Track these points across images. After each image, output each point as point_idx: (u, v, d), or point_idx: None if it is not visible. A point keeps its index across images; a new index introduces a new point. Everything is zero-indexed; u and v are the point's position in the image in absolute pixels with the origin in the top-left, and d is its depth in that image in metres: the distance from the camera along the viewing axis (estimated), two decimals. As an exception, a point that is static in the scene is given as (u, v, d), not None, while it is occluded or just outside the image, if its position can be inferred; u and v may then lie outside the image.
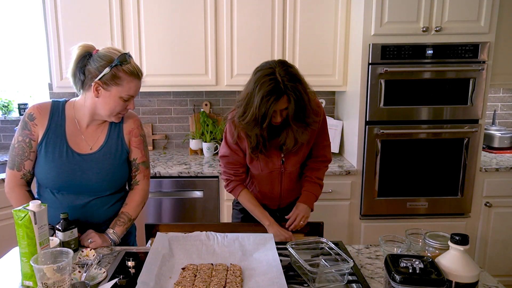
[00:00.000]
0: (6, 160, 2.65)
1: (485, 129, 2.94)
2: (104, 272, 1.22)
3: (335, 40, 2.69)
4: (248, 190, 1.78)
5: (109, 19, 2.62)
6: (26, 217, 1.14)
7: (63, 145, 1.44)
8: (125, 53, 1.40)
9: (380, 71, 2.40)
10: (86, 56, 1.40)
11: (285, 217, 1.73)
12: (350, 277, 1.22)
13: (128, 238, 1.64)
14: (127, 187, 1.63)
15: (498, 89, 3.17)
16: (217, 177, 2.55)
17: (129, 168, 1.58)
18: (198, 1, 2.62)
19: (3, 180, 1.53)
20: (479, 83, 2.44)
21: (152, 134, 3.16)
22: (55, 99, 1.51)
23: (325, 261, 1.30)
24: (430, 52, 2.40)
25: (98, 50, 1.41)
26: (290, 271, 1.27)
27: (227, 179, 1.77)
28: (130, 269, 1.24)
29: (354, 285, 1.20)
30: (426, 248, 1.21)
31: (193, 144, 2.97)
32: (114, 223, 1.51)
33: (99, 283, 1.17)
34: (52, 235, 1.37)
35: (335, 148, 2.87)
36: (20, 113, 3.05)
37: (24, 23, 3.04)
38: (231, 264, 1.26)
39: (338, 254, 1.27)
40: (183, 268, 1.23)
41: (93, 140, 1.49)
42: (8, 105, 3.12)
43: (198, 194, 2.57)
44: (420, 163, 2.52)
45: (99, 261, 1.32)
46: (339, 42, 2.69)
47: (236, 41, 2.67)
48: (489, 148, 2.98)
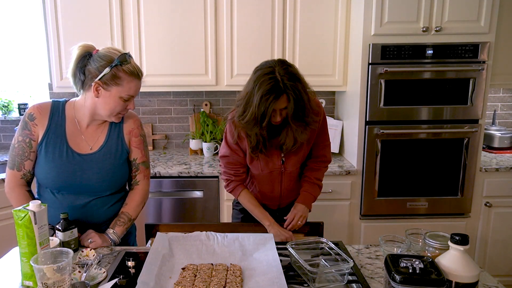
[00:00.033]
0: (6, 160, 2.65)
1: (485, 129, 2.94)
2: (104, 272, 1.22)
3: (335, 40, 2.69)
4: (248, 190, 1.78)
5: (109, 19, 2.62)
6: (26, 217, 1.14)
7: (63, 145, 1.44)
8: (125, 53, 1.40)
9: (380, 71, 2.40)
10: (86, 56, 1.40)
11: (284, 218, 1.73)
12: (350, 277, 1.22)
13: (128, 238, 1.65)
14: (127, 187, 1.64)
15: (498, 89, 3.17)
16: (217, 177, 2.55)
17: (129, 168, 1.58)
18: (198, 1, 2.62)
19: (3, 180, 1.53)
20: (479, 83, 2.44)
21: (152, 134, 3.16)
22: (55, 99, 1.51)
23: (325, 261, 1.30)
24: (430, 52, 2.40)
25: (98, 50, 1.41)
26: (290, 271, 1.27)
27: (227, 179, 1.77)
28: (130, 269, 1.24)
29: (354, 285, 1.20)
30: (426, 248, 1.21)
31: (193, 144, 2.97)
32: (114, 223, 1.51)
33: (99, 283, 1.17)
34: (52, 235, 1.37)
35: (335, 148, 2.87)
36: (20, 113, 3.05)
37: (24, 23, 3.04)
38: (231, 264, 1.26)
39: (338, 254, 1.27)
40: (183, 268, 1.23)
41: (93, 140, 1.49)
42: (8, 105, 3.12)
43: (198, 194, 2.57)
44: (420, 163, 2.52)
45: (99, 261, 1.32)
46: (339, 42, 2.69)
47: (236, 41, 2.67)
48: (489, 148, 2.98)
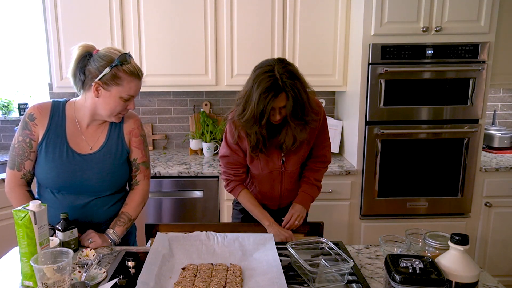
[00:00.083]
0: (6, 160, 2.64)
1: (485, 129, 2.94)
2: (104, 272, 1.22)
3: (335, 40, 2.69)
4: (248, 190, 1.78)
5: (109, 19, 2.62)
6: (26, 217, 1.14)
7: (63, 145, 1.45)
8: (125, 53, 1.40)
9: (380, 71, 2.39)
10: (87, 56, 1.40)
11: (282, 219, 1.73)
12: (350, 277, 1.22)
13: (128, 238, 1.64)
14: (128, 187, 1.64)
15: (498, 89, 3.17)
16: (217, 177, 2.55)
17: (130, 168, 1.58)
18: (198, 1, 2.62)
19: (3, 180, 1.53)
20: (479, 83, 2.44)
21: (152, 134, 3.16)
22: (56, 99, 1.51)
23: (325, 261, 1.30)
24: (430, 52, 2.40)
25: (99, 50, 1.41)
26: (290, 271, 1.27)
27: (227, 179, 1.77)
28: (130, 269, 1.24)
29: (354, 285, 1.20)
30: (426, 248, 1.21)
31: (193, 144, 2.97)
32: (114, 223, 1.51)
33: (99, 283, 1.17)
34: (52, 235, 1.37)
35: (335, 148, 2.87)
36: (20, 113, 3.05)
37: (24, 23, 3.04)
38: (231, 264, 1.26)
39: (338, 254, 1.27)
40: (183, 268, 1.23)
41: (94, 140, 1.49)
42: (8, 105, 3.12)
43: (198, 194, 2.57)
44: (420, 163, 2.52)
45: (99, 261, 1.32)
46: (339, 42, 2.69)
47: (236, 41, 2.67)
48: (489, 148, 2.98)
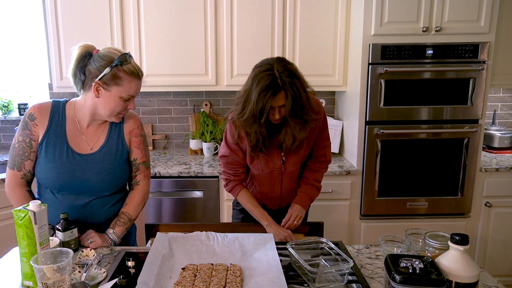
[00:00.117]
0: (6, 160, 2.64)
1: (485, 129, 2.94)
2: (104, 272, 1.22)
3: (335, 40, 2.69)
4: (247, 190, 1.79)
5: (109, 19, 2.62)
6: (26, 217, 1.14)
7: (64, 145, 1.45)
8: (126, 53, 1.40)
9: (380, 71, 2.39)
10: (87, 56, 1.40)
11: (282, 219, 1.73)
12: (350, 277, 1.22)
13: (128, 238, 1.65)
14: (128, 187, 1.64)
15: (498, 89, 3.17)
16: (217, 177, 2.55)
17: (130, 168, 1.58)
18: (198, 1, 2.62)
19: (3, 180, 1.53)
20: (479, 83, 2.44)
21: (152, 134, 3.16)
22: (56, 99, 1.51)
23: (325, 261, 1.30)
24: (430, 52, 2.40)
25: (99, 50, 1.41)
26: (290, 271, 1.27)
27: (227, 179, 1.77)
28: (130, 269, 1.24)
29: (354, 285, 1.20)
30: (426, 248, 1.21)
31: (193, 144, 2.97)
32: (114, 223, 1.51)
33: (99, 283, 1.17)
34: (52, 235, 1.37)
35: (335, 148, 2.87)
36: (20, 113, 3.05)
37: (24, 23, 3.04)
38: (231, 264, 1.26)
39: (338, 254, 1.27)
40: (183, 268, 1.23)
41: (94, 140, 1.49)
42: (8, 105, 3.12)
43: (198, 194, 2.57)
44: (420, 163, 2.52)
45: (99, 261, 1.32)
46: (339, 42, 2.69)
47: (236, 41, 2.67)
48: (489, 148, 2.98)
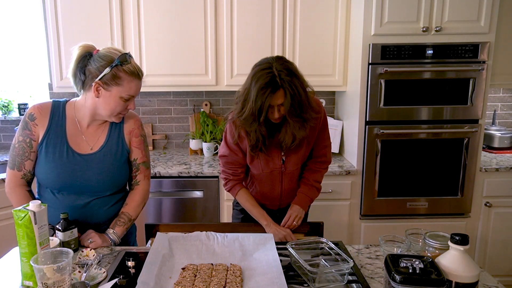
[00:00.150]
0: (6, 160, 2.65)
1: (485, 129, 2.94)
2: (104, 272, 1.22)
3: (335, 40, 2.69)
4: (247, 190, 1.79)
5: (109, 19, 2.62)
6: (26, 217, 1.14)
7: (64, 145, 1.45)
8: (126, 53, 1.40)
9: (380, 71, 2.39)
10: (87, 56, 1.40)
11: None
12: (350, 277, 1.22)
13: (129, 238, 1.65)
14: (128, 187, 1.64)
15: (498, 89, 3.17)
16: (217, 177, 2.55)
17: (130, 168, 1.58)
18: (198, 1, 2.62)
19: (4, 180, 1.53)
20: (479, 83, 2.44)
21: (152, 134, 3.16)
22: (56, 99, 1.51)
23: (325, 261, 1.30)
24: (430, 52, 2.40)
25: (99, 50, 1.41)
26: (290, 271, 1.27)
27: (226, 178, 1.78)
28: (130, 269, 1.24)
29: (354, 285, 1.20)
30: (426, 248, 1.21)
31: (193, 144, 2.97)
32: (114, 223, 1.51)
33: (99, 283, 1.17)
34: (52, 235, 1.37)
35: (335, 148, 2.87)
36: (20, 113, 3.05)
37: (24, 23, 3.04)
38: (231, 264, 1.27)
39: (338, 254, 1.27)
40: (183, 268, 1.23)
41: (94, 140, 1.49)
42: (8, 105, 3.12)
43: (198, 194, 2.57)
44: (420, 163, 2.52)
45: (99, 261, 1.32)
46: (339, 42, 2.69)
47: (236, 41, 2.67)
48: (489, 148, 2.98)
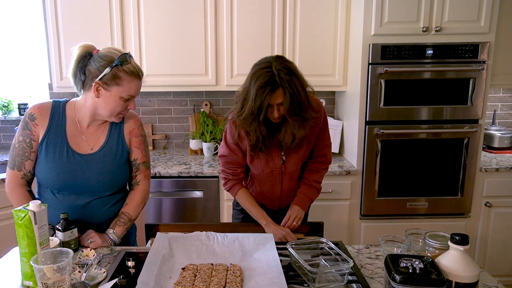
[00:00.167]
0: (6, 160, 2.65)
1: (485, 129, 2.94)
2: (104, 272, 1.22)
3: (335, 40, 2.69)
4: (246, 189, 1.79)
5: (109, 19, 2.62)
6: (26, 217, 1.14)
7: (64, 145, 1.45)
8: (126, 53, 1.40)
9: (380, 71, 2.39)
10: (87, 56, 1.40)
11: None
12: (350, 277, 1.22)
13: (129, 238, 1.65)
14: (128, 187, 1.64)
15: (498, 89, 3.17)
16: (217, 177, 2.55)
17: (130, 168, 1.58)
18: (198, 1, 2.62)
19: (4, 180, 1.53)
20: (479, 83, 2.44)
21: (152, 134, 3.16)
22: (56, 99, 1.51)
23: (325, 261, 1.30)
24: (430, 52, 2.40)
25: (99, 50, 1.41)
26: (290, 271, 1.27)
27: (225, 178, 1.78)
28: (130, 269, 1.24)
29: (354, 285, 1.20)
30: (426, 248, 1.21)
31: (193, 144, 2.97)
32: (114, 223, 1.51)
33: (99, 283, 1.17)
34: (52, 235, 1.37)
35: (335, 148, 2.87)
36: (20, 113, 3.05)
37: (24, 23, 3.04)
38: (231, 264, 1.27)
39: (338, 254, 1.27)
40: (183, 268, 1.23)
41: (94, 140, 1.49)
42: (8, 105, 3.12)
43: (198, 194, 2.57)
44: (420, 163, 2.52)
45: (99, 261, 1.32)
46: (339, 42, 2.69)
47: (236, 41, 2.67)
48: (489, 148, 2.98)
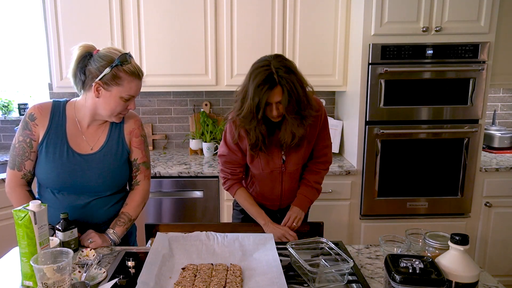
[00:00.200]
0: (6, 160, 2.65)
1: (485, 129, 2.94)
2: (104, 272, 1.22)
3: (335, 40, 2.69)
4: (245, 189, 1.80)
5: (109, 19, 2.62)
6: (26, 217, 1.14)
7: (64, 145, 1.45)
8: (126, 53, 1.40)
9: (380, 71, 2.39)
10: (87, 56, 1.40)
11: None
12: (350, 277, 1.22)
13: (129, 238, 1.65)
14: (128, 188, 1.64)
15: (498, 89, 3.17)
16: (217, 177, 2.55)
17: (130, 168, 1.58)
18: (198, 1, 2.62)
19: (4, 180, 1.53)
20: (479, 83, 2.44)
21: (152, 134, 3.16)
22: (56, 99, 1.51)
23: (325, 261, 1.30)
24: (430, 52, 2.40)
25: (99, 50, 1.41)
26: (290, 271, 1.27)
27: (224, 177, 1.79)
28: (130, 269, 1.24)
29: (354, 285, 1.20)
30: (426, 248, 1.21)
31: (193, 144, 2.97)
32: (114, 223, 1.51)
33: (99, 283, 1.17)
34: (52, 235, 1.37)
35: (335, 148, 2.87)
36: (20, 113, 3.05)
37: (24, 23, 3.04)
38: (231, 264, 1.27)
39: (338, 254, 1.27)
40: (183, 268, 1.23)
41: (94, 140, 1.49)
42: (8, 105, 3.12)
43: (198, 194, 2.57)
44: (420, 163, 2.52)
45: (99, 261, 1.32)
46: (339, 42, 2.69)
47: (236, 41, 2.67)
48: (489, 148, 2.98)
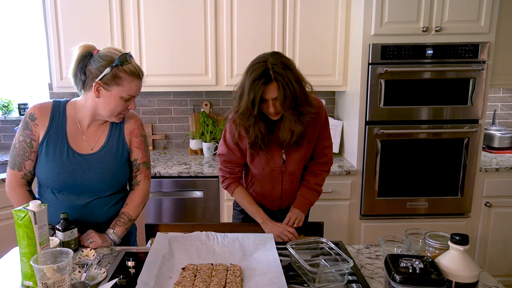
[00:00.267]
0: (7, 160, 2.65)
1: (485, 129, 2.94)
2: (104, 272, 1.22)
3: (335, 40, 2.69)
4: (243, 188, 1.80)
5: (109, 19, 2.62)
6: (26, 217, 1.14)
7: (64, 145, 1.45)
8: (126, 53, 1.40)
9: (380, 71, 2.39)
10: (87, 56, 1.41)
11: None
12: (350, 277, 1.22)
13: (129, 238, 1.65)
14: (128, 188, 1.64)
15: (498, 89, 3.17)
16: (217, 177, 2.55)
17: (130, 168, 1.58)
18: (198, 1, 2.62)
19: (4, 180, 1.53)
20: (479, 83, 2.44)
21: (152, 134, 3.16)
22: (56, 99, 1.51)
23: (325, 261, 1.30)
24: (430, 52, 2.40)
25: (99, 50, 1.41)
26: (290, 271, 1.27)
27: (223, 176, 1.80)
28: (130, 269, 1.24)
29: (354, 285, 1.20)
30: (426, 248, 1.21)
31: (193, 144, 2.97)
32: (115, 223, 1.51)
33: (99, 283, 1.17)
34: (52, 235, 1.37)
35: (335, 148, 2.86)
36: (20, 113, 3.05)
37: (24, 23, 3.04)
38: (231, 264, 1.27)
39: (338, 254, 1.27)
40: (183, 268, 1.23)
41: (94, 140, 1.49)
42: (8, 105, 3.12)
43: (198, 194, 2.57)
44: (420, 163, 2.52)
45: (99, 261, 1.32)
46: (339, 42, 2.69)
47: (236, 41, 2.67)
48: (489, 148, 2.98)
